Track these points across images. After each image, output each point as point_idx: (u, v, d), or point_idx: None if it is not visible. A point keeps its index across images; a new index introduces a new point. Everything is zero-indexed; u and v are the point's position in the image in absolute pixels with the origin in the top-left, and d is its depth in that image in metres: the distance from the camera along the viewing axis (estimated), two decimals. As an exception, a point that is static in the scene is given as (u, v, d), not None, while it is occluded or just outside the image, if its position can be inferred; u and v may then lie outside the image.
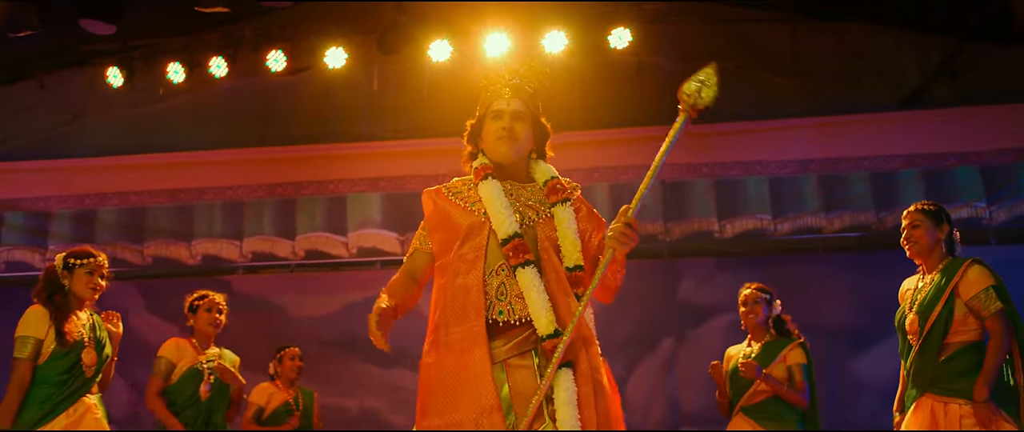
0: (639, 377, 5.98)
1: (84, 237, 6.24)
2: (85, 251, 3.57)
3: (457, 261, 2.33)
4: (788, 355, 4.12)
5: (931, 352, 3.23)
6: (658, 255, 6.28)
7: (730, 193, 6.12)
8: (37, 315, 3.43)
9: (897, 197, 6.05)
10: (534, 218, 2.38)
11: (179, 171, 6.27)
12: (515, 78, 2.48)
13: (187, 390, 4.21)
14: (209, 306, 4.34)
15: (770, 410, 4.08)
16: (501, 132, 2.40)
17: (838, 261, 6.15)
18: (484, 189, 2.40)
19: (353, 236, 6.19)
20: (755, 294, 4.24)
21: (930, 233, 3.37)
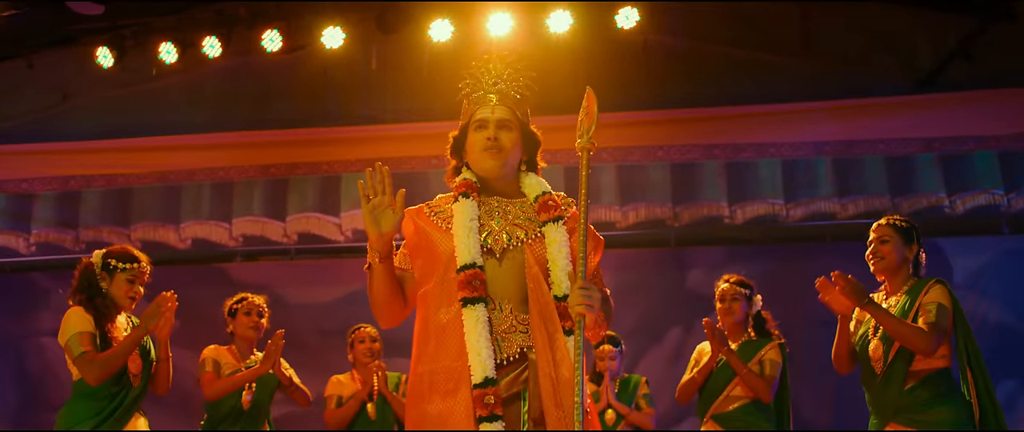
0: (645, 368, 5.94)
1: (68, 220, 6.17)
2: (127, 253, 3.38)
3: (438, 292, 2.18)
4: (764, 355, 3.99)
5: (896, 380, 3.13)
6: (665, 243, 6.23)
7: (741, 176, 6.03)
8: (79, 314, 3.23)
9: (913, 182, 5.97)
10: (523, 238, 2.23)
11: (171, 153, 6.17)
12: (499, 82, 2.33)
13: (228, 400, 4.05)
14: (248, 309, 4.19)
15: (743, 419, 3.96)
16: (486, 143, 2.26)
17: (849, 250, 6.09)
18: (457, 208, 2.24)
19: (346, 217, 6.11)
20: (733, 290, 4.07)
21: (899, 250, 3.26)
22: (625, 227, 6.00)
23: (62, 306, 6.17)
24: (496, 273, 2.21)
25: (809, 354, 5.90)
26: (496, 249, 2.23)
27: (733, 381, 3.96)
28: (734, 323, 4.06)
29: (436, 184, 6.00)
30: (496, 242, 2.24)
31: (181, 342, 6.16)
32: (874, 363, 3.20)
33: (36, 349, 6.19)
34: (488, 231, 2.25)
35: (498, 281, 2.20)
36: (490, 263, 2.22)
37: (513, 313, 2.19)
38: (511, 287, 2.21)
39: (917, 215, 5.97)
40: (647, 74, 6.04)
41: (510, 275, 2.21)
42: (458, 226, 2.21)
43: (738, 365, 3.91)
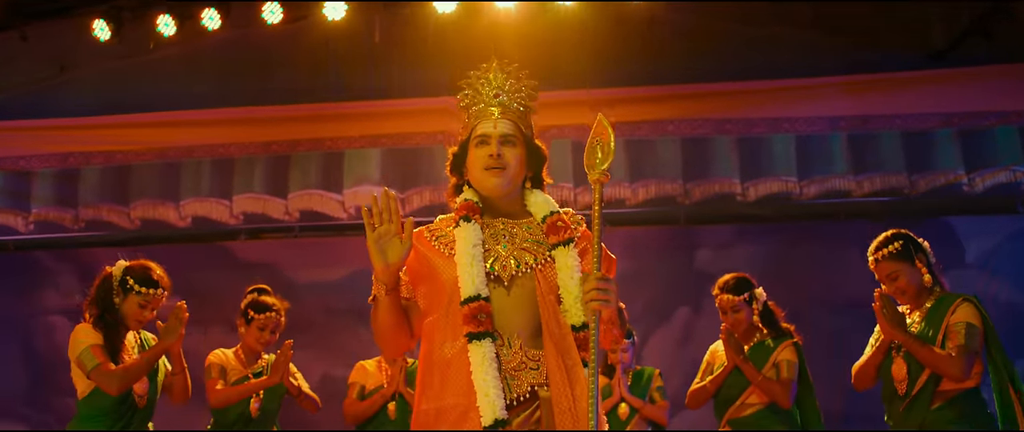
0: (653, 348, 5.95)
1: (67, 198, 6.12)
2: (148, 277, 3.32)
3: (442, 324, 2.07)
4: (779, 356, 3.88)
5: (923, 400, 3.08)
6: (675, 221, 6.19)
7: (754, 152, 5.96)
8: (86, 330, 3.23)
9: (931, 159, 5.90)
10: (532, 264, 2.11)
11: (169, 129, 6.12)
12: (501, 94, 2.21)
13: (236, 407, 3.98)
14: (263, 324, 4.05)
15: (758, 423, 3.87)
16: (489, 161, 2.14)
17: (864, 228, 6.06)
18: (459, 234, 2.12)
19: (349, 194, 6.06)
20: (730, 301, 3.92)
21: (913, 278, 3.17)
22: (635, 204, 5.97)
23: (69, 287, 6.32)
24: (504, 304, 2.09)
25: (820, 335, 5.89)
26: (504, 277, 2.11)
27: (749, 388, 3.86)
28: (743, 329, 3.94)
29: (441, 162, 5.95)
30: (504, 269, 2.12)
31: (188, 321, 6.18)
32: (897, 383, 3.14)
33: (44, 329, 6.20)
34: (494, 257, 2.13)
35: (506, 312, 2.08)
36: (497, 293, 2.09)
37: (524, 348, 2.07)
38: (521, 319, 2.09)
39: (934, 192, 5.93)
40: (654, 50, 5.99)
41: (519, 305, 2.09)
42: (461, 254, 2.09)
43: (752, 374, 3.81)
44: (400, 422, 4.35)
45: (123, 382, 3.15)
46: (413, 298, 2.17)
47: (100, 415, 3.22)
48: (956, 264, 5.96)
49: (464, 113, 2.26)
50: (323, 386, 6.11)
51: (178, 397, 3.46)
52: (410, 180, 6.05)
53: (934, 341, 3.05)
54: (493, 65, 2.25)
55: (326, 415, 4.68)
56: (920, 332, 3.10)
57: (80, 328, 3.25)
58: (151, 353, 3.24)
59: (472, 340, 2.03)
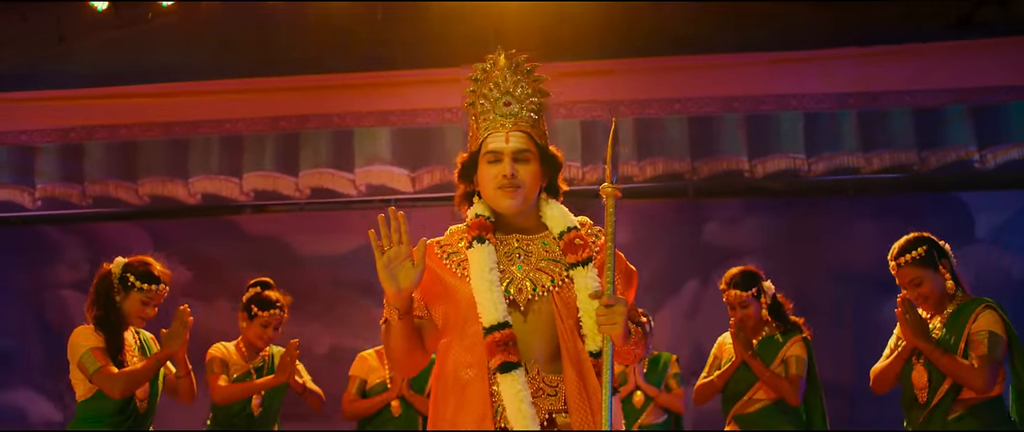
0: (662, 321, 5.99)
1: (73, 174, 6.16)
2: (148, 272, 3.26)
3: (458, 346, 2.01)
4: (788, 352, 3.82)
5: (942, 409, 3.02)
6: (683, 194, 6.23)
7: (762, 129, 5.95)
8: (86, 332, 3.17)
9: (942, 135, 5.88)
10: (549, 286, 2.03)
11: (171, 102, 6.08)
12: (511, 101, 2.08)
13: (237, 406, 3.90)
14: (267, 321, 3.96)
15: (767, 421, 3.82)
16: (502, 181, 2.04)
17: (872, 203, 6.10)
18: (473, 257, 2.02)
19: (360, 172, 6.11)
20: (739, 297, 3.86)
21: (936, 283, 3.08)
22: (642, 180, 6.00)
23: (78, 260, 6.41)
24: (520, 329, 2.00)
25: (827, 309, 5.95)
26: (520, 301, 2.03)
27: (756, 383, 3.83)
28: (752, 324, 3.90)
29: (451, 140, 6.00)
30: (520, 292, 2.03)
31: (195, 294, 6.31)
32: (917, 391, 3.09)
33: (56, 302, 6.31)
34: (510, 278, 2.04)
35: (523, 338, 2.00)
36: (514, 318, 2.01)
37: (541, 374, 2.00)
38: (538, 344, 2.01)
39: (945, 169, 5.91)
40: (669, 21, 5.97)
41: (537, 329, 2.01)
42: (477, 279, 2.00)
43: (761, 371, 3.76)
44: (404, 420, 4.23)
45: (127, 386, 3.12)
46: (427, 315, 2.09)
47: (101, 419, 3.16)
48: (966, 239, 5.98)
49: (471, 119, 2.14)
50: (332, 356, 6.21)
51: (184, 398, 3.44)
52: (421, 159, 6.07)
53: (956, 349, 3.00)
54: (500, 59, 2.12)
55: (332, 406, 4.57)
56: (941, 338, 3.04)
57: (80, 330, 3.19)
58: (155, 359, 3.19)
59: (502, 372, 1.95)
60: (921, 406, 3.08)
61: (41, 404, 6.08)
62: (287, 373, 3.84)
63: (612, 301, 1.94)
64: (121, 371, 3.12)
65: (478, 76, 2.13)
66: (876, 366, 3.29)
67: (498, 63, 2.12)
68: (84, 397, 3.19)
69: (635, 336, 2.04)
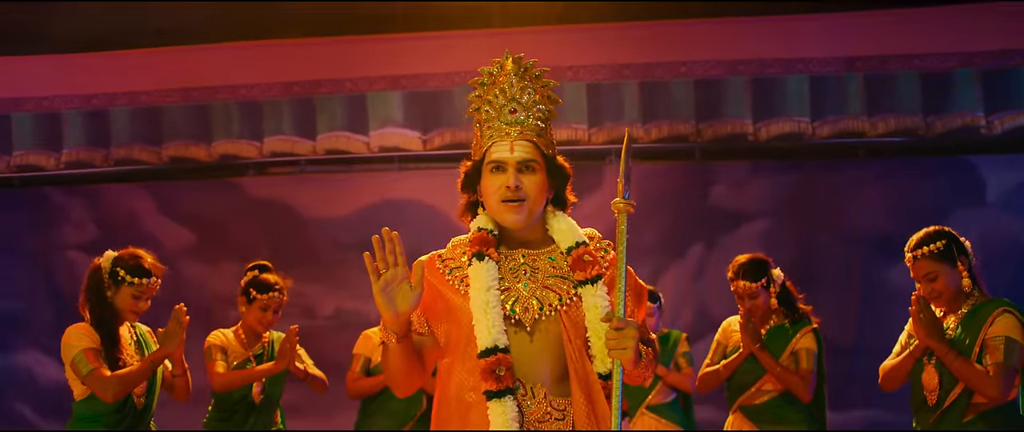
0: (666, 284, 6.06)
1: (99, 140, 6.28)
2: (139, 265, 3.16)
3: (461, 367, 1.95)
4: (797, 344, 3.70)
5: (954, 412, 2.93)
6: (689, 156, 6.26)
7: (767, 93, 6.00)
8: (79, 331, 3.08)
9: (949, 100, 5.89)
10: (556, 305, 1.95)
11: (186, 65, 6.20)
12: (517, 108, 1.99)
13: (238, 391, 3.83)
14: (265, 305, 3.87)
15: (774, 413, 3.72)
16: (506, 193, 1.95)
17: (880, 166, 6.11)
18: (473, 274, 1.95)
19: (374, 135, 6.24)
20: (748, 288, 3.72)
21: (952, 280, 2.96)
22: (647, 142, 6.02)
23: (83, 222, 6.48)
24: (526, 351, 1.94)
25: (832, 272, 6.01)
26: (526, 320, 1.95)
27: (764, 375, 3.73)
28: (760, 314, 3.78)
29: (461, 103, 6.04)
30: (526, 311, 1.96)
31: (199, 258, 6.38)
32: (927, 392, 3.00)
33: (64, 264, 6.42)
34: (515, 297, 1.97)
35: (529, 360, 1.94)
36: (518, 338, 1.94)
37: (548, 398, 1.94)
38: (545, 365, 1.94)
39: (950, 134, 5.92)
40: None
41: (543, 351, 1.95)
42: (475, 299, 1.93)
43: (771, 365, 3.66)
44: (408, 399, 3.95)
45: (120, 389, 3.03)
46: (428, 332, 2.03)
47: (98, 418, 3.09)
48: (976, 203, 6.00)
49: (475, 126, 2.05)
50: (337, 318, 6.31)
51: (180, 396, 3.39)
52: (432, 122, 6.20)
53: (970, 351, 2.90)
54: (507, 64, 2.03)
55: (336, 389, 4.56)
56: (956, 338, 2.94)
57: (73, 329, 3.10)
58: (150, 360, 3.12)
59: (492, 398, 1.89)
60: (931, 408, 2.98)
61: (49, 366, 6.20)
62: (287, 360, 3.77)
63: (623, 324, 1.86)
64: (114, 374, 3.03)
65: (484, 81, 2.04)
66: (885, 364, 3.19)
67: (505, 67, 2.03)
68: (80, 397, 3.11)
69: (646, 359, 1.97)
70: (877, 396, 5.82)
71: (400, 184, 6.30)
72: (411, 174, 6.35)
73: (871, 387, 5.82)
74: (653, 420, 4.45)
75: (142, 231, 6.40)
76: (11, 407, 6.22)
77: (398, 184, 6.30)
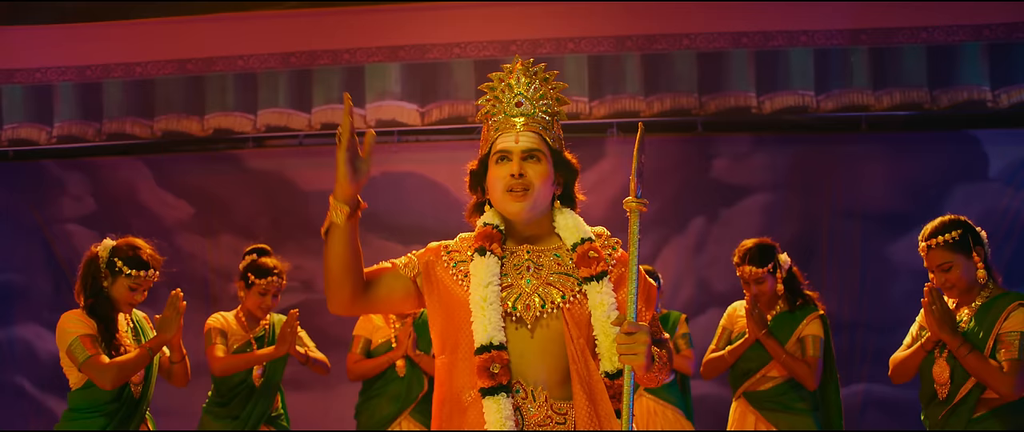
0: (667, 258, 6.06)
1: (91, 113, 6.25)
2: (138, 258, 3.11)
3: (463, 366, 1.91)
4: (804, 331, 3.66)
5: (965, 408, 2.89)
6: (691, 129, 6.23)
7: (771, 66, 5.95)
8: (76, 318, 3.05)
9: (955, 74, 5.83)
10: (559, 302, 1.92)
11: (184, 37, 6.16)
12: (523, 101, 1.99)
13: (237, 377, 3.81)
14: (264, 289, 3.84)
15: (779, 400, 3.68)
16: (509, 182, 1.94)
17: (883, 140, 6.09)
18: (474, 269, 1.93)
19: (371, 108, 6.19)
20: (754, 273, 3.65)
21: (967, 271, 2.91)
22: (649, 115, 6.00)
23: (82, 195, 6.47)
24: (527, 349, 1.91)
25: (833, 246, 6.01)
26: (527, 318, 1.92)
27: (770, 362, 3.68)
28: (766, 300, 3.73)
29: (460, 75, 6.02)
30: (527, 309, 1.93)
31: (196, 229, 6.39)
32: (938, 386, 2.95)
33: (63, 237, 6.42)
34: (517, 293, 1.94)
35: (530, 359, 1.91)
36: (519, 335, 1.91)
37: (549, 401, 1.90)
38: (546, 366, 1.91)
39: (955, 108, 5.89)
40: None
41: (545, 350, 1.91)
42: (474, 293, 1.91)
43: (777, 352, 3.60)
44: (408, 379, 4.10)
45: (118, 377, 3.00)
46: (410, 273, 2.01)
47: (95, 407, 3.06)
48: (979, 177, 5.99)
49: (484, 125, 2.04)
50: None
51: (179, 382, 3.36)
52: (429, 94, 6.14)
53: (983, 345, 2.84)
54: (516, 66, 2.02)
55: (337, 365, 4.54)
56: (969, 331, 2.88)
57: (69, 315, 3.07)
58: (148, 347, 3.10)
59: (486, 395, 1.86)
60: (941, 402, 2.94)
61: (48, 339, 6.22)
62: (288, 344, 3.73)
63: (634, 328, 1.81)
64: (112, 361, 3.00)
65: (495, 85, 2.04)
66: (895, 355, 3.13)
67: (514, 70, 2.03)
68: (77, 385, 3.08)
69: (659, 361, 1.91)
70: (876, 371, 5.90)
71: (399, 157, 6.29)
72: (411, 147, 6.33)
73: (871, 362, 5.96)
74: (651, 402, 4.44)
75: (140, 204, 6.43)
76: (10, 380, 6.25)
77: (397, 157, 6.29)
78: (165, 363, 3.29)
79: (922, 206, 5.94)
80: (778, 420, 3.66)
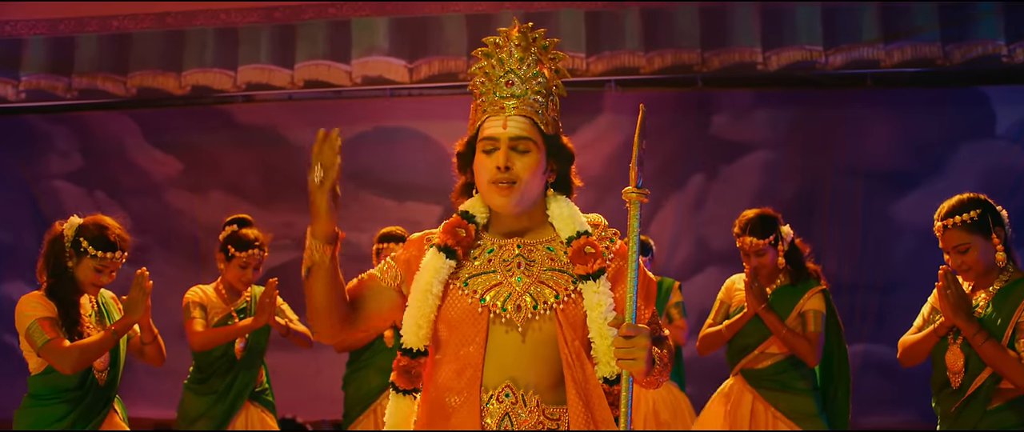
0: (665, 215, 6.03)
1: (63, 67, 6.07)
2: (104, 238, 2.94)
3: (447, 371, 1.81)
4: (805, 305, 3.50)
5: (980, 398, 2.75)
6: (691, 84, 6.11)
7: (777, 20, 5.75)
8: (35, 300, 2.90)
9: (969, 29, 5.65)
10: (552, 303, 1.80)
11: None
12: (514, 81, 1.83)
13: (218, 350, 3.72)
14: (245, 262, 3.73)
15: (778, 378, 3.54)
16: (495, 174, 1.79)
17: (889, 96, 6.02)
18: (426, 263, 1.83)
19: (357, 64, 6.02)
20: (755, 244, 3.49)
21: (986, 253, 2.75)
22: (649, 72, 5.90)
23: (69, 151, 6.42)
24: (518, 353, 1.80)
25: (834, 204, 5.98)
26: (517, 320, 1.80)
27: (769, 338, 3.54)
28: (767, 273, 3.56)
29: (451, 30, 5.90)
30: (518, 310, 1.80)
31: (185, 186, 6.35)
32: (952, 375, 2.81)
33: (49, 192, 6.35)
34: (507, 292, 1.81)
35: (521, 363, 1.79)
36: (509, 338, 1.80)
37: (541, 406, 1.80)
38: (538, 370, 1.79)
39: (969, 63, 5.76)
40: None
41: (537, 353, 1.79)
42: (415, 290, 1.82)
43: (776, 327, 3.45)
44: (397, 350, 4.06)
45: (79, 361, 2.85)
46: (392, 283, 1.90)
47: (56, 394, 2.92)
48: (986, 134, 5.93)
49: (474, 102, 1.89)
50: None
51: (153, 362, 3.25)
52: (419, 49, 5.93)
53: (1001, 333, 2.70)
54: (512, 34, 1.85)
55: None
56: (986, 317, 2.74)
57: (27, 298, 2.92)
58: (113, 330, 2.95)
59: (396, 393, 1.86)
60: (954, 392, 2.80)
61: (37, 296, 6.21)
62: (266, 315, 3.63)
63: (633, 331, 1.70)
64: (73, 344, 2.85)
65: (489, 51, 1.87)
66: (905, 338, 2.98)
67: (510, 36, 1.86)
68: (36, 371, 2.92)
69: (659, 364, 1.78)
70: (876, 332, 5.94)
71: (392, 111, 6.23)
72: (403, 101, 6.23)
73: (871, 323, 5.98)
74: None
75: (129, 160, 6.37)
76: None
77: (390, 111, 6.23)
78: (136, 344, 3.17)
79: (926, 164, 5.91)
80: (777, 400, 3.52)
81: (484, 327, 1.79)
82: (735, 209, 4.04)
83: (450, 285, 1.83)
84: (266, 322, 3.67)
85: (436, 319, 1.83)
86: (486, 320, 1.79)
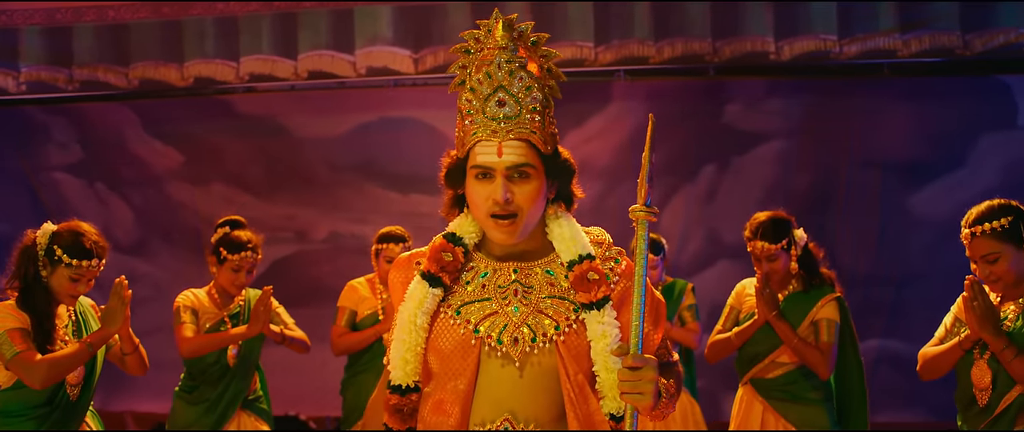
0: (676, 207, 6.00)
1: (63, 59, 6.09)
2: (79, 245, 2.84)
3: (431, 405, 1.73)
4: (818, 314, 3.41)
5: (1008, 418, 2.65)
6: (703, 73, 6.03)
7: (790, 8, 5.67)
8: (5, 311, 2.78)
9: (990, 16, 5.55)
10: (552, 334, 1.69)
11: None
12: (504, 99, 1.68)
13: (210, 357, 3.66)
14: (238, 265, 3.66)
15: (789, 389, 3.45)
16: (494, 208, 1.68)
17: (906, 85, 5.95)
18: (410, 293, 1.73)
19: (361, 54, 5.99)
20: (767, 249, 3.39)
21: (1016, 263, 2.66)
22: (659, 62, 5.85)
23: (68, 142, 6.42)
24: (515, 387, 1.69)
25: (853, 196, 5.95)
26: (514, 354, 1.69)
27: (780, 347, 3.44)
28: (779, 278, 3.48)
29: (456, 18, 5.87)
30: (515, 343, 1.70)
31: (186, 177, 6.36)
32: (978, 392, 2.72)
33: (49, 184, 6.37)
34: (503, 323, 1.70)
35: (519, 396, 1.69)
36: (506, 373, 1.69)
37: None
38: (537, 405, 1.69)
39: (989, 53, 5.67)
40: None
41: (537, 387, 1.69)
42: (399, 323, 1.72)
43: (788, 336, 3.36)
44: None
45: (49, 375, 2.74)
46: None
47: (24, 410, 2.81)
48: (1007, 125, 5.88)
49: (458, 114, 1.75)
50: (332, 241, 6.31)
51: (135, 372, 3.16)
52: (423, 39, 5.89)
53: None
54: (496, 30, 1.72)
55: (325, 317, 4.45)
56: (1015, 331, 2.64)
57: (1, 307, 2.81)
58: (87, 343, 2.84)
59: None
60: (981, 410, 2.70)
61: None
62: (261, 323, 3.57)
63: (639, 362, 1.60)
64: (44, 357, 2.74)
65: (470, 48, 1.75)
66: (926, 350, 2.87)
67: (494, 34, 1.72)
68: (5, 385, 2.80)
69: (666, 395, 1.69)
70: (892, 326, 5.91)
71: (396, 102, 6.21)
72: (407, 91, 6.21)
73: (885, 317, 5.95)
74: None
75: (129, 151, 6.38)
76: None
77: (394, 102, 6.21)
78: (117, 353, 3.09)
79: (945, 155, 5.85)
80: (788, 411, 3.42)
81: (475, 360, 1.68)
82: (748, 201, 3.99)
83: (441, 312, 1.72)
84: (260, 331, 3.60)
85: (426, 349, 1.73)
86: (478, 353, 1.69)
